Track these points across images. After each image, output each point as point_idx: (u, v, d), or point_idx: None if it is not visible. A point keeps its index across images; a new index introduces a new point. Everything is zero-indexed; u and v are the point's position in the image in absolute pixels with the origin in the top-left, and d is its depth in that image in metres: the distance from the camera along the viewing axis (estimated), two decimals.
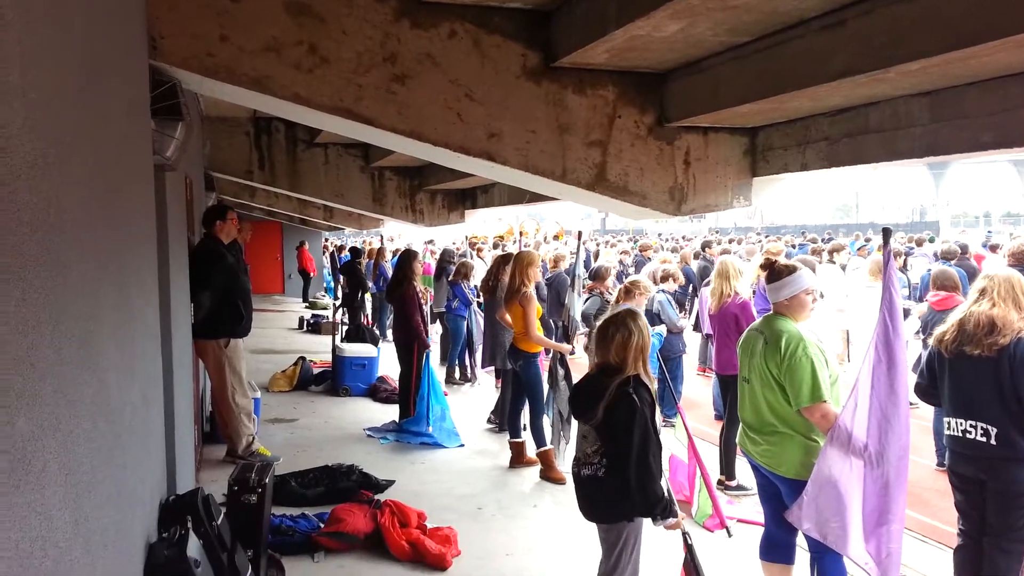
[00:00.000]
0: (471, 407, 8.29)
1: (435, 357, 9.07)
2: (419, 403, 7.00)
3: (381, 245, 14.79)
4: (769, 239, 21.05)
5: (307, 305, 18.73)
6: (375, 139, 5.39)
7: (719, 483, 5.70)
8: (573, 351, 6.33)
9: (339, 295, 12.78)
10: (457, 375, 9.73)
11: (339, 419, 7.72)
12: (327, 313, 14.85)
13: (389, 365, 9.05)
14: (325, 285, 21.37)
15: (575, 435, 3.65)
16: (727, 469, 5.83)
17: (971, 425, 3.52)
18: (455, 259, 11.21)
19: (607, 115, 4.62)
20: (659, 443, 3.27)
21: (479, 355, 9.26)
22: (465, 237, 12.28)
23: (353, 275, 13.22)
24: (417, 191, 9.98)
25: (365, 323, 12.40)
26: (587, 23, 3.89)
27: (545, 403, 6.21)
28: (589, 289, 7.63)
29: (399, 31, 4.10)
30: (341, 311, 11.68)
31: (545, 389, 6.22)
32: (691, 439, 5.15)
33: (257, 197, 12.13)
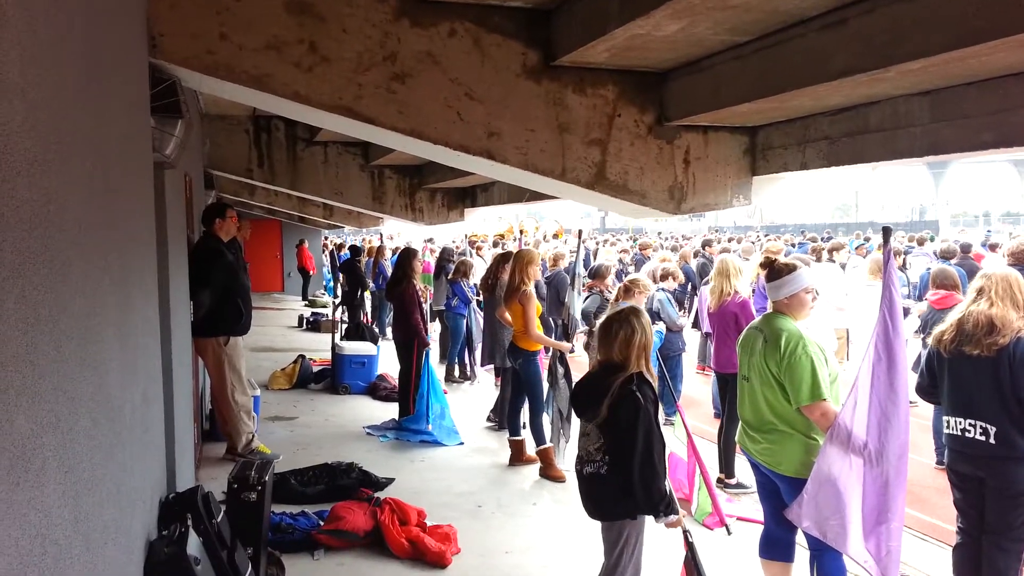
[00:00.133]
0: (471, 405, 8.30)
1: (434, 355, 9.07)
2: (419, 401, 7.01)
3: (381, 243, 14.79)
4: (768, 238, 21.04)
5: (307, 303, 18.74)
6: (375, 138, 5.39)
7: (718, 481, 5.71)
8: (573, 349, 6.33)
9: (338, 293, 12.78)
10: (457, 373, 9.73)
11: (339, 417, 7.72)
12: (327, 311, 14.85)
13: (389, 363, 9.05)
14: (324, 283, 21.37)
15: (575, 433, 3.65)
16: (726, 467, 5.84)
17: (970, 424, 3.52)
18: (454, 257, 11.21)
19: (607, 114, 4.62)
20: (662, 440, 3.28)
21: (479, 353, 9.27)
22: (464, 235, 12.26)
23: (352, 273, 13.22)
24: (417, 189, 9.97)
25: (364, 321, 12.40)
26: (587, 22, 3.89)
27: (545, 401, 6.21)
28: (589, 288, 7.63)
29: (399, 30, 4.10)
30: (340, 309, 11.68)
31: (545, 387, 6.23)
32: (690, 437, 5.16)
33: (257, 195, 12.13)
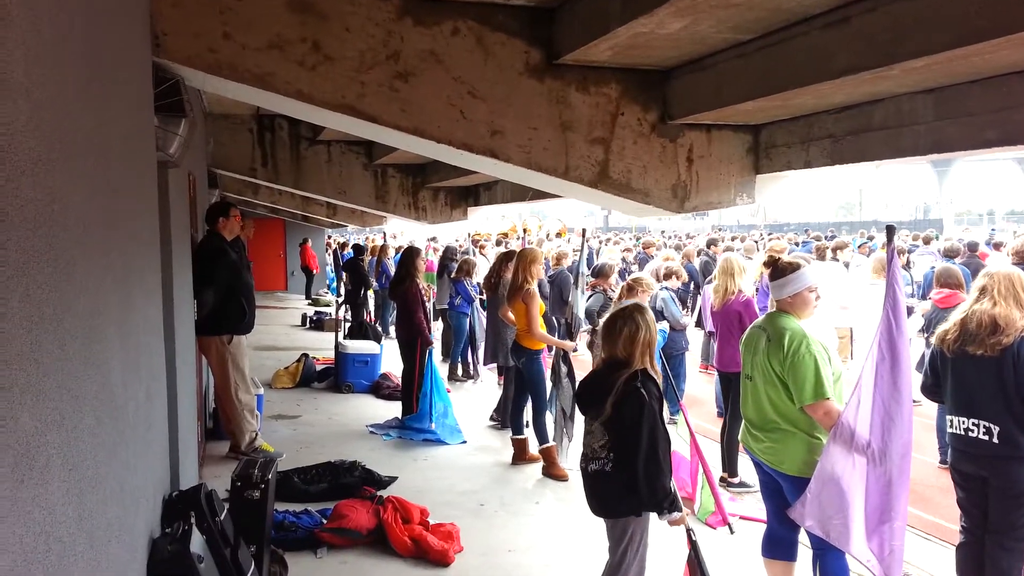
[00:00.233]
0: (473, 404, 8.30)
1: (437, 354, 9.07)
2: (422, 400, 7.01)
3: (384, 242, 14.81)
4: (772, 236, 21.01)
5: (310, 302, 18.76)
6: (378, 136, 5.39)
7: (721, 480, 5.70)
8: (576, 348, 6.33)
9: (342, 292, 12.80)
10: (460, 372, 9.74)
11: (342, 416, 7.73)
12: (330, 310, 14.87)
13: (392, 362, 9.06)
14: (328, 282, 21.39)
15: (577, 433, 3.65)
16: (729, 466, 5.83)
17: (973, 423, 3.51)
18: (457, 256, 11.22)
19: (610, 112, 4.62)
20: (667, 437, 3.28)
21: (481, 352, 9.27)
22: (468, 234, 12.26)
23: (356, 272, 13.23)
24: (420, 188, 9.98)
25: (368, 320, 12.41)
26: (590, 20, 3.88)
27: (548, 400, 6.21)
28: (592, 286, 7.63)
29: (402, 29, 4.10)
30: (344, 308, 11.70)
31: (548, 386, 6.23)
32: (693, 436, 5.16)
33: (260, 194, 12.15)
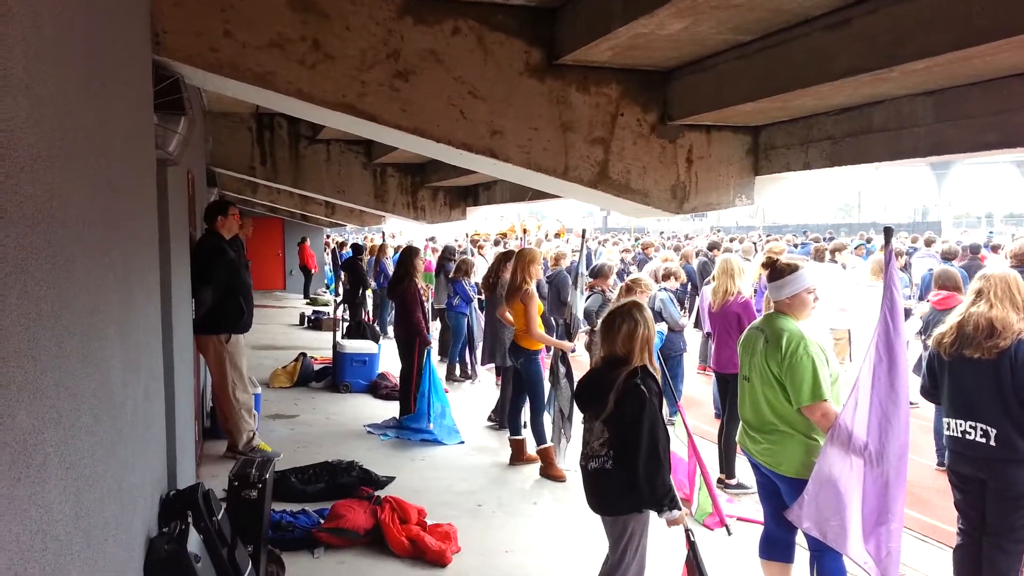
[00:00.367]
0: (471, 404, 8.30)
1: (434, 354, 9.07)
2: (420, 400, 7.00)
3: (383, 242, 14.80)
4: (770, 238, 21.02)
5: (308, 301, 18.75)
6: (378, 136, 5.39)
7: (719, 481, 5.70)
8: (574, 349, 6.33)
9: (340, 291, 12.79)
10: (458, 372, 9.73)
11: (339, 415, 7.72)
12: (328, 309, 14.86)
13: (390, 362, 9.05)
14: (326, 281, 21.38)
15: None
16: (727, 467, 5.83)
17: (971, 426, 3.52)
18: (456, 256, 11.22)
19: (610, 113, 4.62)
20: (667, 434, 3.30)
21: (479, 352, 9.27)
22: (466, 234, 12.26)
23: (354, 272, 13.22)
24: (419, 188, 9.97)
25: (366, 320, 12.41)
26: (591, 21, 3.88)
27: (546, 401, 6.21)
28: (590, 287, 7.63)
29: (402, 28, 4.10)
30: (342, 307, 11.69)
31: (546, 387, 6.22)
32: (691, 437, 5.16)
33: (259, 193, 12.15)
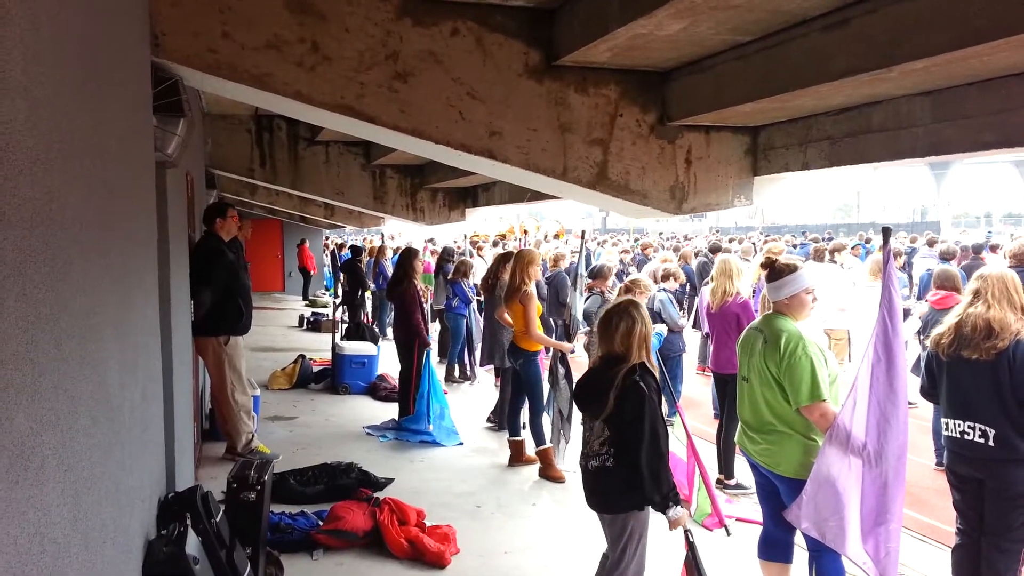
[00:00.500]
0: (470, 406, 8.29)
1: (434, 355, 9.06)
2: (419, 401, 7.00)
3: (382, 243, 14.79)
4: (769, 238, 21.03)
5: (307, 303, 18.74)
6: (377, 137, 5.38)
7: (718, 482, 5.70)
8: (573, 350, 6.32)
9: (339, 293, 12.79)
10: (457, 373, 9.73)
11: (338, 417, 7.72)
12: (327, 311, 14.85)
13: (389, 363, 9.05)
14: (325, 283, 21.37)
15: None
16: (726, 468, 5.83)
17: (969, 426, 3.51)
18: (455, 257, 11.21)
19: (608, 114, 4.62)
20: (666, 431, 3.31)
21: (478, 353, 9.26)
22: (464, 235, 12.25)
23: (353, 273, 13.21)
24: (418, 189, 9.97)
25: (365, 321, 12.40)
26: (589, 22, 3.88)
27: (545, 402, 6.21)
28: (589, 288, 7.63)
29: (401, 29, 4.10)
30: (341, 309, 11.68)
31: (545, 388, 6.22)
32: (690, 438, 5.15)
33: (258, 195, 12.13)
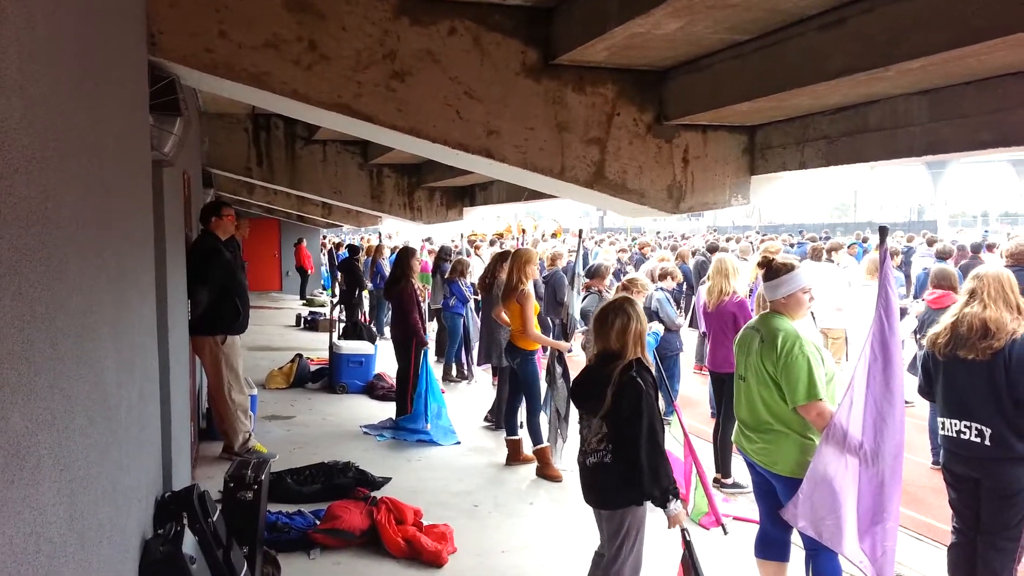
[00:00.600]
0: (468, 405, 8.29)
1: (431, 354, 9.05)
2: (416, 400, 7.00)
3: (379, 242, 14.78)
4: (766, 237, 21.03)
5: (304, 302, 18.72)
6: (374, 136, 5.38)
7: (715, 481, 5.71)
8: (571, 349, 6.32)
9: (336, 292, 12.80)
10: (454, 373, 9.73)
11: (336, 416, 7.71)
12: (324, 310, 14.84)
13: (386, 362, 9.04)
14: (323, 282, 21.34)
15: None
16: (723, 467, 5.84)
17: (965, 426, 3.52)
18: (452, 256, 11.21)
19: (606, 113, 4.62)
20: (663, 425, 3.32)
21: (476, 352, 9.26)
22: (462, 234, 12.23)
23: (351, 272, 13.20)
24: (415, 188, 9.97)
25: (362, 320, 12.39)
26: (587, 21, 3.88)
27: (542, 401, 6.21)
28: (587, 287, 7.63)
29: (399, 28, 4.10)
30: (338, 308, 11.67)
31: (543, 387, 6.22)
32: (687, 437, 5.16)
33: (255, 194, 12.12)
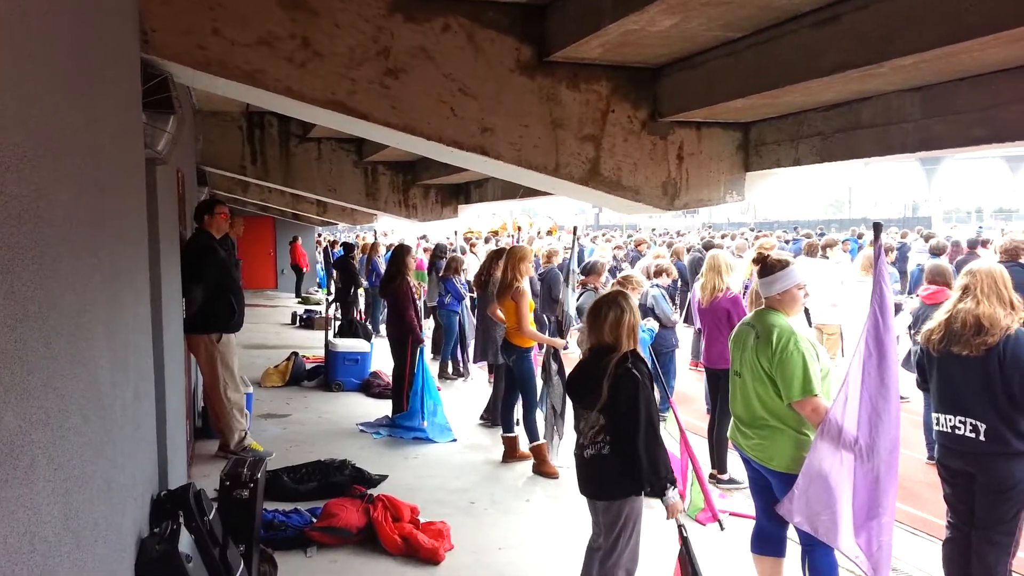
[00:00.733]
0: (464, 402, 8.30)
1: (427, 352, 9.05)
2: (412, 398, 7.00)
3: (374, 240, 14.78)
4: (760, 234, 21.07)
5: (300, 300, 18.70)
6: (368, 133, 5.37)
7: (711, 477, 5.72)
8: (567, 346, 6.33)
9: (332, 290, 12.79)
10: (450, 370, 9.73)
11: (332, 414, 7.71)
12: (320, 308, 14.82)
13: (382, 360, 9.04)
14: (318, 280, 21.32)
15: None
16: (719, 463, 5.85)
17: (960, 421, 3.53)
18: (447, 254, 11.21)
19: (600, 110, 4.62)
20: (659, 416, 3.35)
21: (472, 350, 9.26)
22: (456, 232, 12.23)
23: (346, 270, 13.19)
24: (410, 186, 9.96)
25: (358, 318, 12.38)
26: (581, 17, 3.88)
27: (538, 398, 6.21)
28: (582, 284, 7.64)
29: (392, 25, 4.09)
30: (334, 306, 11.67)
31: (539, 384, 6.23)
32: (683, 433, 5.17)
33: (250, 192, 12.10)
